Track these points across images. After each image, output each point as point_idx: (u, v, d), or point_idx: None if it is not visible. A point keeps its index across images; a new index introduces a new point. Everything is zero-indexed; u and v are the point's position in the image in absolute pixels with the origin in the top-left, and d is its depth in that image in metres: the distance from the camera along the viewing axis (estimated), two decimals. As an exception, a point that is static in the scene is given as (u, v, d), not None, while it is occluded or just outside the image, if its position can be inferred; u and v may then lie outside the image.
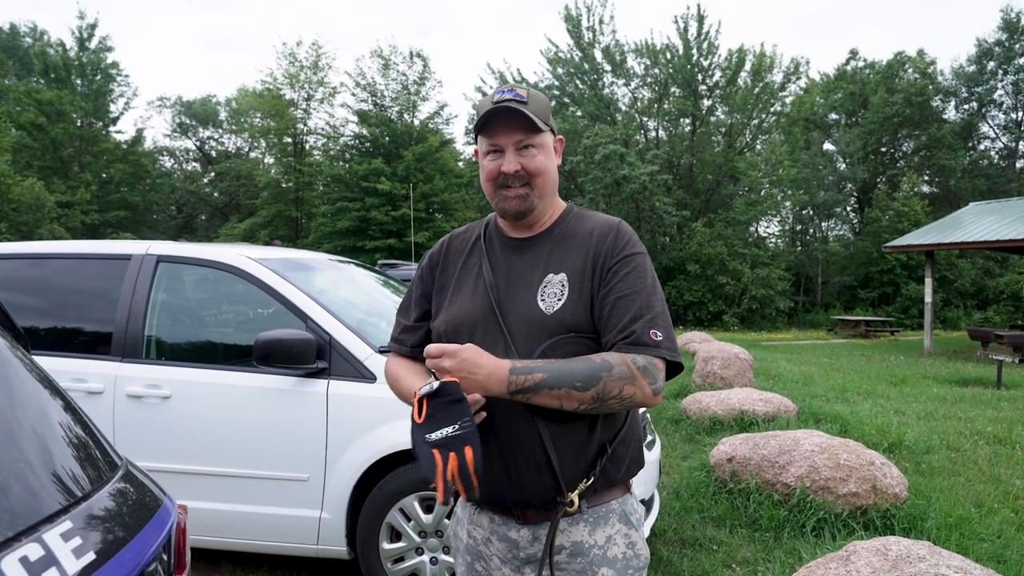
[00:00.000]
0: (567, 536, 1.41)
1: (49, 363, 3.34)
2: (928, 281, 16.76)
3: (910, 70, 34.52)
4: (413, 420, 1.24)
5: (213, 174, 42.67)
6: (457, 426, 1.22)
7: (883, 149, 35.89)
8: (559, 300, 1.40)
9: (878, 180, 34.86)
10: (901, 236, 21.12)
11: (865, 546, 2.68)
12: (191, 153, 44.90)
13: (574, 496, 1.38)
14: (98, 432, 1.24)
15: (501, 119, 1.42)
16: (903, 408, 7.86)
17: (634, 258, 1.43)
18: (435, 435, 1.22)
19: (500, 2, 75.92)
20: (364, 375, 3.06)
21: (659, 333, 1.36)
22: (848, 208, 35.62)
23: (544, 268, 1.45)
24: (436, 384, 1.22)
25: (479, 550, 1.50)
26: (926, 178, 35.23)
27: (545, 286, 1.42)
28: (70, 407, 1.22)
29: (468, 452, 1.21)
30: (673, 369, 1.41)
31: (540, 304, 1.40)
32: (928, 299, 16.75)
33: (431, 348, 1.31)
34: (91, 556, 0.92)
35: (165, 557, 1.10)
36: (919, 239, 17.42)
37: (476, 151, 1.52)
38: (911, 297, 27.97)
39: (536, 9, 73.87)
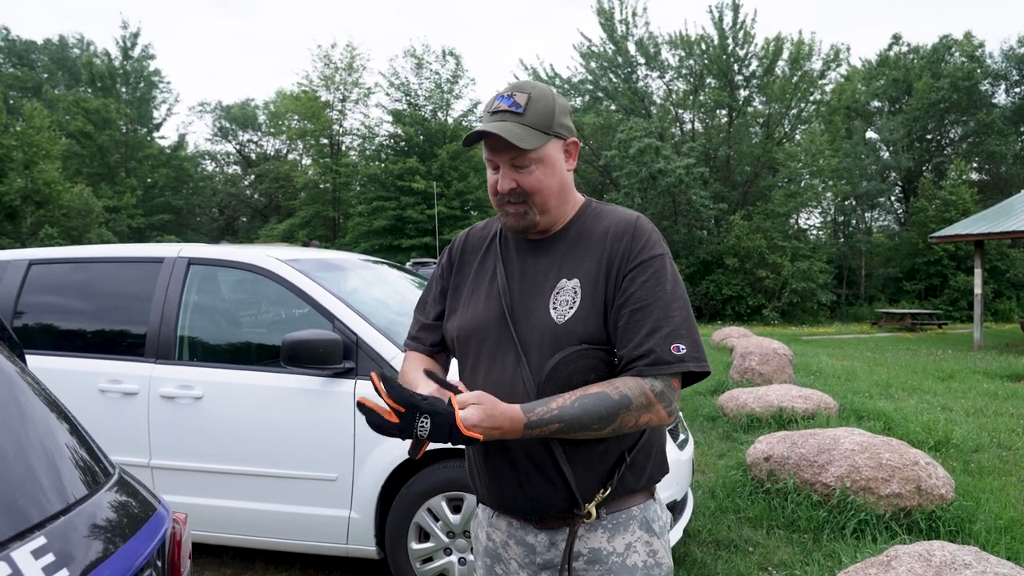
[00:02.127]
0: (584, 543, 1.36)
1: (87, 365, 3.42)
2: (978, 272, 16.17)
3: (956, 54, 33.32)
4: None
5: (253, 176, 43.46)
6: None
7: (929, 136, 34.79)
8: (571, 308, 1.33)
9: (924, 168, 33.79)
10: (949, 226, 20.44)
11: (907, 551, 2.57)
12: (231, 156, 45.86)
13: (591, 507, 1.33)
14: (90, 439, 1.22)
15: (491, 137, 1.32)
16: (951, 404, 7.59)
17: (652, 263, 1.34)
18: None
19: (532, -2, 75.66)
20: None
21: (682, 346, 1.28)
22: (892, 198, 34.62)
23: (557, 273, 1.38)
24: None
25: (498, 553, 1.47)
26: (975, 165, 34.03)
27: (558, 293, 1.36)
28: (62, 414, 1.20)
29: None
30: (702, 373, 1.35)
31: (552, 312, 1.34)
32: (978, 291, 16.17)
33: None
34: (63, 574, 0.88)
35: (159, 563, 1.07)
36: (968, 228, 16.82)
37: None
38: (960, 289, 27.07)
39: (568, 3, 73.44)
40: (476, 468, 1.45)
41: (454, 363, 1.55)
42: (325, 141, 36.38)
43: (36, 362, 3.49)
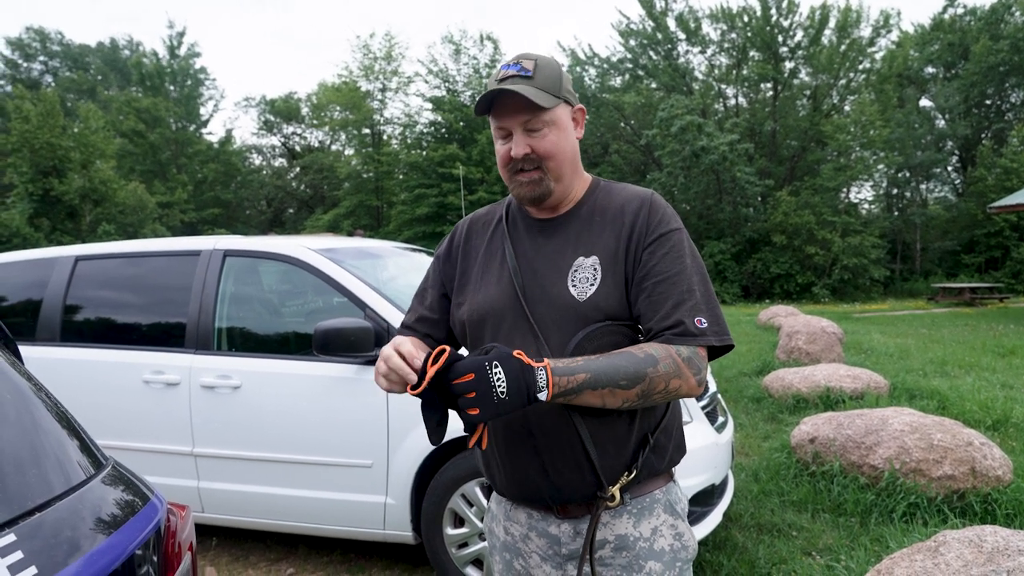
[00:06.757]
0: (610, 529, 1.34)
1: (131, 357, 3.53)
2: (1042, 243, 15.41)
3: (1017, 13, 31.59)
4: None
5: (298, 168, 44.13)
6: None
7: (987, 102, 33.11)
8: (592, 285, 1.31)
9: (982, 136, 32.25)
10: (1010, 195, 19.49)
11: (956, 536, 2.47)
12: (277, 149, 46.57)
13: (615, 490, 1.31)
14: (81, 431, 1.21)
15: (504, 99, 1.32)
16: (1011, 381, 7.26)
17: (671, 236, 1.33)
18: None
19: (570, -23, 74.60)
20: (422, 362, 3.05)
21: (704, 320, 1.27)
22: (949, 168, 33.19)
23: (574, 251, 1.36)
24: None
25: (517, 547, 1.44)
26: (1039, 130, 32.32)
27: (576, 270, 1.34)
28: (52, 407, 1.19)
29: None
30: (724, 348, 1.32)
31: (571, 290, 1.32)
32: (1042, 262, 15.42)
33: None
34: (32, 571, 0.86)
35: (153, 556, 1.06)
36: (1031, 197, 16.03)
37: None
38: (1023, 260, 25.87)
39: (607, -19, 72.00)
40: (494, 458, 1.42)
41: None
42: (367, 131, 36.72)
43: (84, 355, 3.62)
